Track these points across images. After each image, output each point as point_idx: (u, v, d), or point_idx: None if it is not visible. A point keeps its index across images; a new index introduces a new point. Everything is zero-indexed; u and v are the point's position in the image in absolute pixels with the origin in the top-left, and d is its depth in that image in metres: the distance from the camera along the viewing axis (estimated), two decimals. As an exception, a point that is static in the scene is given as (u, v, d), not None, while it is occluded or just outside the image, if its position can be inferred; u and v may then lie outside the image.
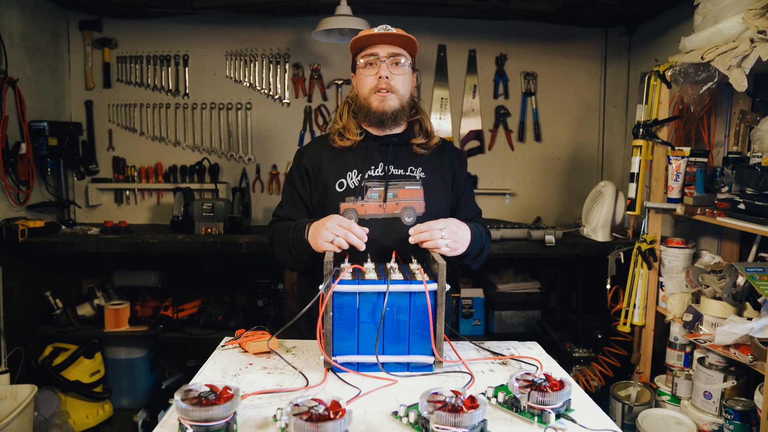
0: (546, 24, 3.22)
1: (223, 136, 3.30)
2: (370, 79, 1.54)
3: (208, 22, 3.19)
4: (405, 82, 1.56)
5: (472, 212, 1.67)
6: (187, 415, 0.90)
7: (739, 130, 2.16)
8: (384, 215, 1.54)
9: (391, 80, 1.52)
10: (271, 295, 3.03)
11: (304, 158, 1.62)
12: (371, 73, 1.54)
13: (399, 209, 1.54)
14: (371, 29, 1.56)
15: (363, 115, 1.58)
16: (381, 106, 1.53)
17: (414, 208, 1.55)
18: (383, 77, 1.51)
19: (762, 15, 1.68)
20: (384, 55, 1.52)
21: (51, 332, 2.82)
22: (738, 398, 1.81)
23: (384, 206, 1.54)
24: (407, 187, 1.56)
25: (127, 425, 2.89)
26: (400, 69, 1.54)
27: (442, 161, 1.63)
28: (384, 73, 1.51)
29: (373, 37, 1.52)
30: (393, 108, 1.54)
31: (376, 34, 1.52)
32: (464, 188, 1.67)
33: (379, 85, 1.52)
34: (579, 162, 3.41)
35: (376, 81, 1.53)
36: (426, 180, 1.58)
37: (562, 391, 1.02)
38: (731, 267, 1.94)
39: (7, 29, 2.65)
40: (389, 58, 1.52)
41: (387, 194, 1.54)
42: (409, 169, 1.58)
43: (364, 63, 1.55)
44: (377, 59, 1.52)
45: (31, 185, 2.79)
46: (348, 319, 1.20)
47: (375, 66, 1.53)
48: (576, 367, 2.66)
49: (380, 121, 1.55)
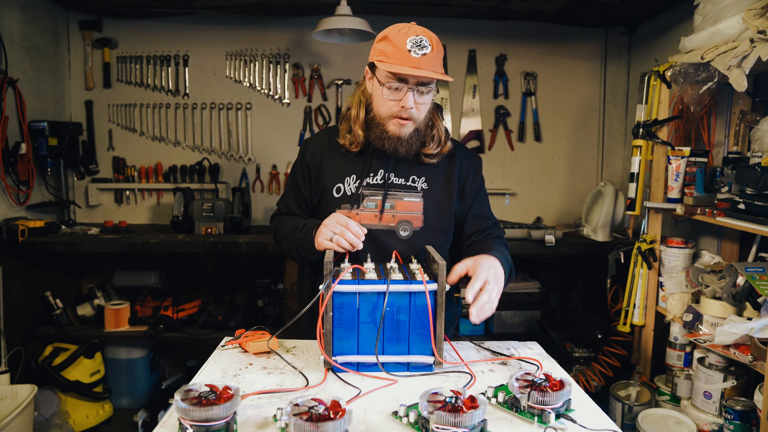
0: (546, 24, 3.22)
1: (223, 136, 3.30)
2: (391, 103, 1.39)
3: (208, 22, 3.19)
4: (428, 107, 1.44)
5: (485, 222, 1.55)
6: (187, 415, 0.90)
7: (739, 130, 2.16)
8: (379, 227, 1.47)
9: (414, 110, 1.39)
10: (271, 295, 3.03)
11: (308, 153, 1.56)
12: (394, 98, 1.38)
13: (395, 222, 1.48)
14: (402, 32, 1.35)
15: (377, 134, 1.45)
16: (398, 132, 1.41)
17: (411, 222, 1.48)
18: (407, 107, 1.38)
19: (762, 15, 1.68)
20: (413, 82, 1.36)
21: (51, 332, 2.82)
22: (738, 398, 1.81)
23: (380, 217, 1.48)
24: (406, 199, 1.48)
25: (127, 425, 2.89)
26: (426, 98, 1.40)
27: (451, 170, 1.53)
28: (409, 104, 1.37)
29: (410, 66, 1.34)
30: (409, 133, 1.42)
31: (415, 75, 1.33)
32: (476, 196, 1.56)
33: (400, 114, 1.39)
34: (579, 162, 3.41)
35: (397, 108, 1.39)
36: (428, 192, 1.50)
37: (562, 391, 1.02)
38: (731, 267, 1.94)
39: (7, 29, 2.65)
40: (416, 87, 1.37)
41: (384, 205, 1.48)
42: (411, 179, 1.50)
43: (387, 84, 1.37)
44: (404, 85, 1.36)
45: (31, 185, 2.79)
46: (348, 319, 1.20)
47: (400, 91, 1.37)
48: (576, 367, 2.66)
49: (394, 148, 1.43)
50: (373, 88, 1.44)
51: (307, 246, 1.43)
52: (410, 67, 1.33)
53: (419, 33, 1.36)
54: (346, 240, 1.33)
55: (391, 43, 1.35)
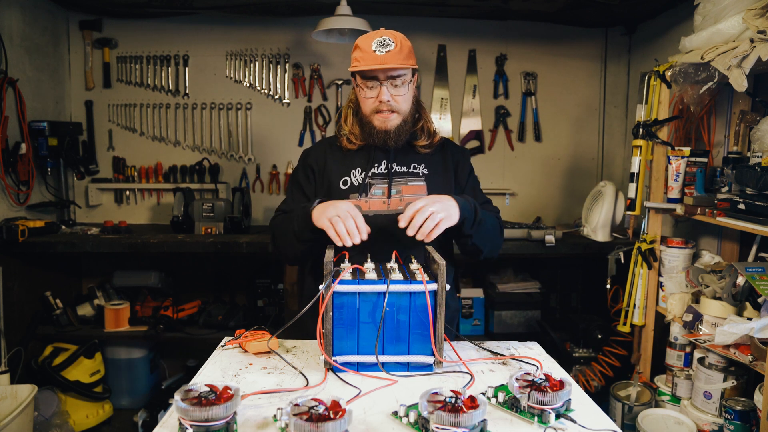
0: (546, 24, 3.22)
1: (223, 136, 3.30)
2: (370, 101, 1.52)
3: (208, 22, 3.19)
4: (406, 98, 1.54)
5: (479, 200, 1.62)
6: (187, 415, 0.90)
7: (739, 130, 2.16)
8: (388, 211, 1.55)
9: (392, 102, 1.50)
10: (271, 295, 3.03)
11: (310, 158, 1.64)
12: (371, 95, 1.51)
13: (403, 205, 1.53)
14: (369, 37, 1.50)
15: (366, 130, 1.56)
16: (384, 125, 1.53)
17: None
18: (384, 101, 1.49)
19: (762, 15, 1.68)
20: (383, 78, 1.48)
21: (51, 332, 2.82)
22: (738, 398, 1.81)
23: (388, 202, 1.56)
24: (411, 183, 1.57)
25: (127, 425, 2.89)
26: (401, 90, 1.51)
27: (445, 158, 1.64)
28: (385, 97, 1.49)
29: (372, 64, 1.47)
30: (396, 125, 1.53)
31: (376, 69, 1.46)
32: (467, 180, 1.67)
33: (380, 108, 1.51)
34: (579, 162, 3.41)
35: (377, 104, 1.51)
36: (429, 176, 1.59)
37: (562, 391, 1.02)
38: (731, 267, 1.94)
39: (7, 29, 2.65)
40: (388, 81, 1.49)
41: (391, 191, 1.56)
42: (412, 166, 1.59)
43: (363, 85, 1.51)
44: (377, 83, 1.49)
45: (31, 185, 2.79)
46: (348, 319, 1.20)
47: (375, 89, 1.50)
48: (576, 367, 2.66)
49: (383, 140, 1.54)
50: (356, 91, 1.57)
51: (304, 218, 1.42)
52: (375, 64, 1.45)
53: (384, 35, 1.49)
54: (345, 226, 1.31)
55: (360, 49, 1.49)
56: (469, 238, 1.49)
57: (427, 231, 1.32)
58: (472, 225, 1.46)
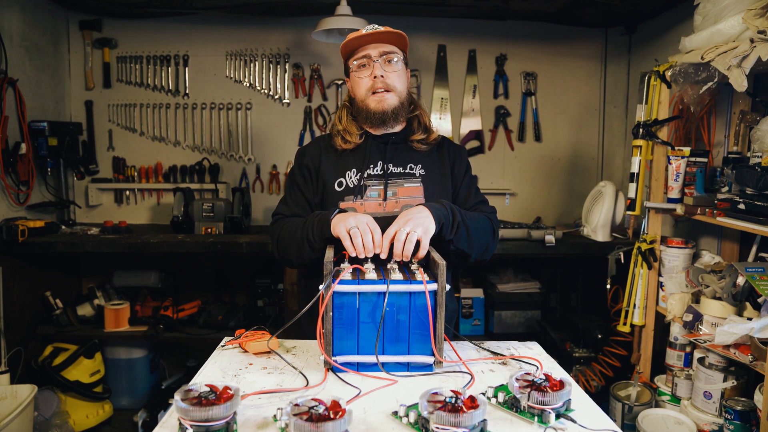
0: (546, 24, 3.22)
1: (223, 136, 3.30)
2: (365, 80, 1.53)
3: (208, 22, 3.19)
4: (400, 78, 1.55)
5: (474, 200, 1.61)
6: (187, 415, 0.90)
7: (739, 130, 2.16)
8: (383, 214, 1.53)
9: (387, 78, 1.52)
10: (271, 295, 3.03)
11: (306, 157, 1.63)
12: (365, 74, 1.53)
13: (399, 207, 1.53)
14: (359, 30, 1.54)
15: (363, 118, 1.57)
16: (380, 106, 1.53)
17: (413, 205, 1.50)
18: (378, 77, 1.51)
19: (762, 15, 1.68)
20: (376, 54, 1.51)
21: (51, 332, 2.82)
22: (738, 398, 1.81)
23: (384, 204, 1.54)
24: (407, 185, 1.56)
25: (127, 425, 2.89)
26: (394, 66, 1.53)
27: (442, 156, 1.63)
28: (378, 72, 1.51)
29: (362, 38, 1.51)
30: (392, 106, 1.53)
31: (365, 35, 1.51)
32: (463, 178, 1.64)
33: (375, 86, 1.52)
34: (579, 162, 3.41)
35: (371, 81, 1.52)
36: (426, 177, 1.58)
37: (562, 391, 1.02)
38: (731, 267, 1.94)
39: (7, 29, 2.65)
40: (381, 57, 1.52)
41: (387, 192, 1.54)
42: (408, 167, 1.58)
43: (357, 65, 1.54)
44: (369, 60, 1.52)
45: (31, 185, 2.79)
46: (348, 319, 1.20)
47: (368, 67, 1.52)
48: (576, 367, 2.66)
49: (382, 121, 1.55)
50: (351, 83, 1.60)
51: (321, 226, 1.39)
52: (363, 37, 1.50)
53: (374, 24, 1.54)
54: (362, 239, 1.28)
55: (349, 40, 1.53)
56: (450, 244, 1.43)
57: (410, 254, 1.28)
58: (451, 230, 1.41)
